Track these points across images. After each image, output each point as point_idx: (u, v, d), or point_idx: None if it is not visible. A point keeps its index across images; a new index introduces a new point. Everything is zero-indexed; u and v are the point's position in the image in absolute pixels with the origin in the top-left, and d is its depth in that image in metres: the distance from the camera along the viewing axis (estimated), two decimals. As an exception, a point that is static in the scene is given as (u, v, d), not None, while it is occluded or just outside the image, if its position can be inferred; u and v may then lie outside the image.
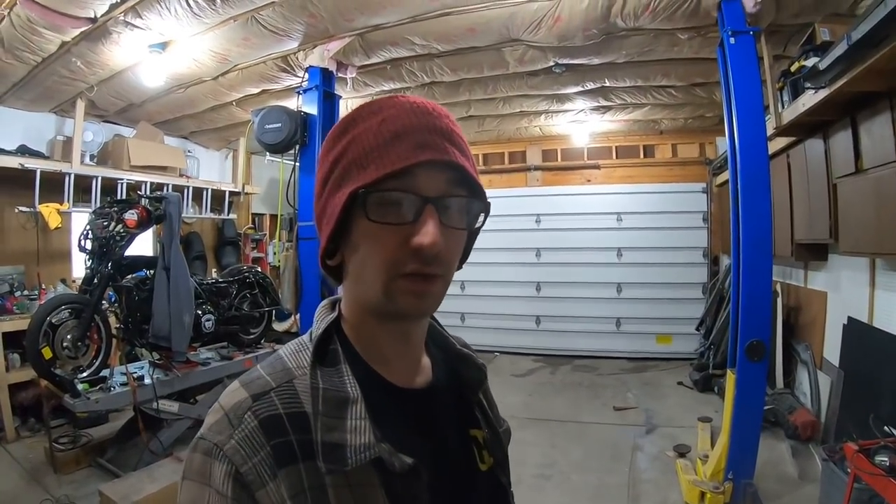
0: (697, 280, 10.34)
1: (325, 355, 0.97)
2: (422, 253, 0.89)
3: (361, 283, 0.96)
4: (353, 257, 0.97)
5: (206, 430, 0.88)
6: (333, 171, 0.97)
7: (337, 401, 0.90)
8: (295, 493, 0.84)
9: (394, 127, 0.92)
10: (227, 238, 11.05)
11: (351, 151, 0.94)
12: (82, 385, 5.40)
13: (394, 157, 0.90)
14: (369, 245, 0.93)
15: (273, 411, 0.89)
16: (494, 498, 1.12)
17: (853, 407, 5.23)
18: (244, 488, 0.82)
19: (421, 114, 0.95)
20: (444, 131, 0.96)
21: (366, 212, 0.90)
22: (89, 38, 5.74)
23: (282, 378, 0.94)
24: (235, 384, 0.95)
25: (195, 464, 0.86)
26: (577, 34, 5.67)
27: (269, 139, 5.95)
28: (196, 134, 10.15)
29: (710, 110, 8.66)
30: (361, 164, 0.92)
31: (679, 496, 5.18)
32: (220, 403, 0.92)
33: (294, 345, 1.03)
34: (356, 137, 0.94)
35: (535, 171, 11.75)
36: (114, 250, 5.69)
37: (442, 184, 0.93)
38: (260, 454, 0.85)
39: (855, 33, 3.61)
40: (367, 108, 0.98)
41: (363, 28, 5.85)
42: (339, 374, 0.94)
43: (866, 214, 4.72)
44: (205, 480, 0.84)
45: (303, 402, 0.91)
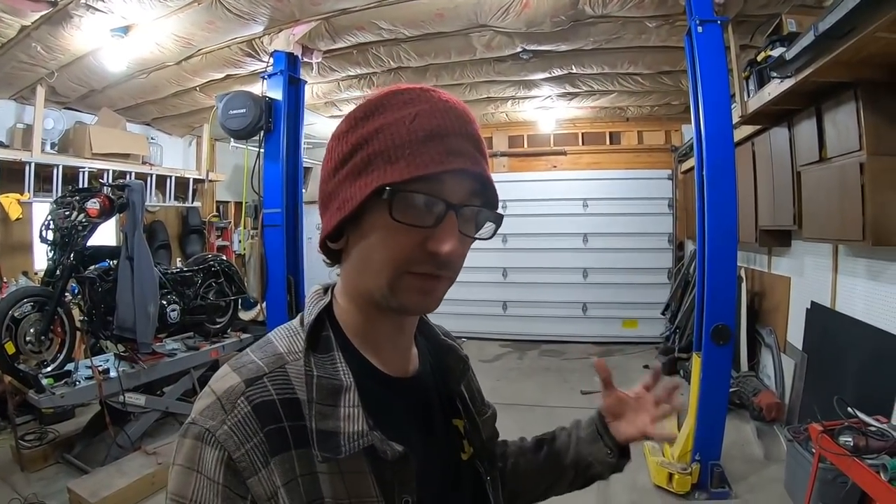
0: (663, 265, 10.49)
1: (318, 342, 0.96)
2: (438, 258, 0.89)
3: (367, 273, 0.95)
4: (361, 246, 0.95)
5: (197, 415, 0.87)
6: (354, 156, 0.94)
7: (330, 388, 0.90)
8: (287, 480, 0.84)
9: (428, 126, 0.90)
10: (192, 226, 10.93)
11: (378, 140, 0.92)
12: (47, 380, 5.28)
13: (427, 159, 0.88)
14: (384, 239, 0.91)
15: (266, 397, 0.88)
16: (474, 486, 1.14)
17: (816, 389, 5.33)
18: (236, 475, 0.82)
19: (455, 117, 0.94)
20: (475, 139, 0.96)
21: (390, 209, 0.88)
22: (50, 22, 5.61)
23: (274, 363, 0.93)
24: (226, 368, 0.94)
25: (185, 449, 0.85)
26: (545, 20, 5.67)
27: (234, 125, 5.87)
28: (159, 120, 9.97)
29: (676, 98, 8.72)
30: (390, 157, 0.90)
31: (647, 478, 5.25)
32: (211, 388, 0.91)
33: (285, 329, 1.01)
34: (385, 126, 0.92)
35: (501, 157, 11.80)
36: (76, 241, 5.58)
37: (465, 192, 0.93)
38: (253, 440, 0.84)
39: (822, 24, 3.64)
40: (397, 96, 0.95)
41: (329, 12, 5.80)
42: (331, 362, 0.93)
43: (829, 202, 4.79)
44: (195, 466, 0.83)
45: (295, 389, 0.90)
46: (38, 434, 5.98)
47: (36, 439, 5.90)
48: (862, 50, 3.69)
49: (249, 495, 0.82)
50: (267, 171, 6.07)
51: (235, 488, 0.82)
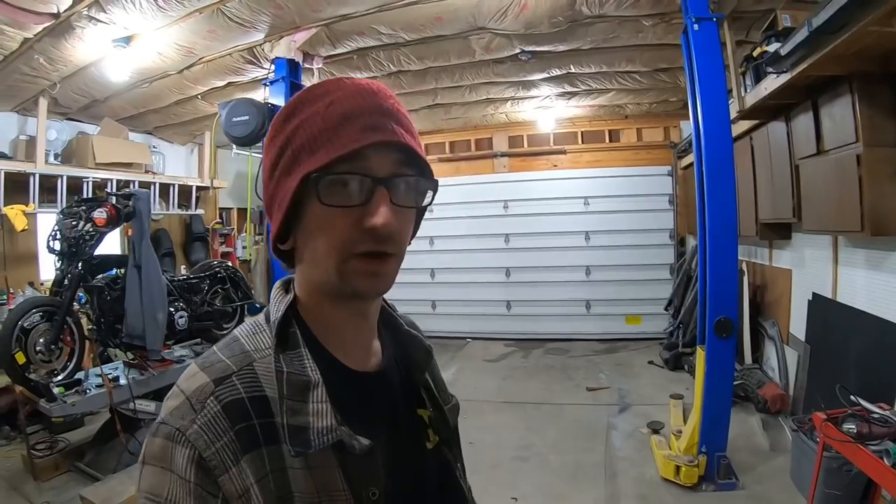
0: (665, 261, 10.50)
1: (286, 338, 0.97)
2: (375, 233, 0.90)
3: (315, 265, 0.97)
4: (306, 240, 0.98)
5: (166, 415, 0.88)
6: (282, 156, 0.96)
7: (300, 385, 0.92)
8: (260, 477, 0.86)
9: (341, 109, 0.93)
10: (196, 234, 10.96)
11: (299, 136, 0.94)
12: (58, 389, 5.34)
13: (344, 139, 0.90)
14: (322, 227, 0.93)
15: (236, 395, 0.89)
16: (442, 474, 1.15)
17: (820, 379, 5.37)
18: (207, 473, 0.83)
19: (367, 95, 0.96)
20: (392, 112, 0.97)
21: (318, 195, 0.90)
22: (52, 34, 5.67)
23: (242, 361, 0.94)
24: (194, 367, 0.95)
25: (156, 448, 0.86)
26: (543, 21, 5.73)
27: (237, 132, 5.94)
28: (161, 129, 10.02)
29: (674, 95, 8.77)
30: (311, 148, 0.92)
31: (655, 471, 5.29)
32: (179, 388, 0.92)
33: (250, 326, 1.03)
34: (303, 122, 0.95)
35: (501, 157, 11.79)
36: (83, 250, 5.60)
37: (391, 164, 0.94)
38: (223, 439, 0.85)
39: (816, 20, 3.70)
40: (312, 91, 0.99)
41: (330, 18, 5.85)
42: (299, 358, 0.95)
43: (828, 194, 4.85)
44: (166, 465, 0.84)
45: (263, 386, 0.92)
46: (48, 443, 6.01)
47: (47, 448, 5.92)
48: (855, 44, 3.75)
49: (221, 493, 0.83)
50: (272, 178, 6.11)
51: (207, 486, 0.83)
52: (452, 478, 1.17)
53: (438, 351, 5.50)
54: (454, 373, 9.01)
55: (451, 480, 1.17)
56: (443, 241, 11.38)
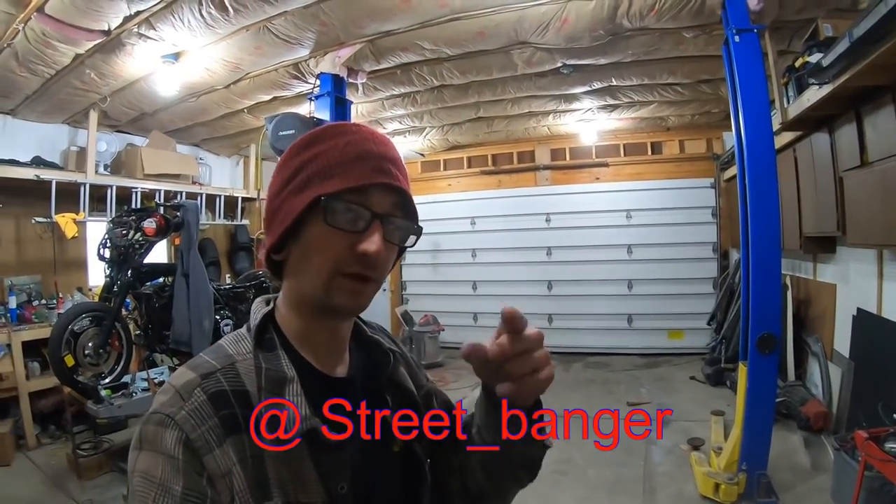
0: (708, 275, 10.38)
1: (263, 342, 1.09)
2: (365, 258, 1.03)
3: (304, 277, 1.08)
4: (299, 255, 1.09)
5: (157, 406, 0.99)
6: (295, 178, 1.09)
7: (277, 379, 1.03)
8: (240, 458, 0.96)
9: (357, 150, 1.07)
10: (240, 243, 11.15)
11: (315, 163, 1.07)
12: (105, 391, 5.50)
13: (355, 174, 1.05)
14: (319, 245, 1.05)
15: (220, 387, 1.00)
16: (407, 476, 1.22)
17: (864, 397, 5.27)
18: (193, 453, 0.93)
19: (379, 143, 1.11)
20: (395, 161, 1.11)
21: (324, 216, 1.02)
22: (103, 50, 5.83)
23: (225, 361, 1.05)
24: (183, 368, 1.06)
25: (148, 434, 0.95)
26: (584, 35, 5.75)
27: (284, 145, 5.93)
28: (207, 141, 10.23)
29: (716, 106, 8.69)
30: (324, 175, 1.05)
31: (694, 488, 5.23)
32: (169, 383, 1.03)
33: (233, 336, 1.14)
34: (322, 152, 1.08)
35: (544, 170, 11.76)
36: (133, 258, 5.76)
37: (389, 205, 1.08)
38: (208, 423, 0.96)
39: (857, 30, 3.68)
40: (331, 129, 1.13)
41: (374, 34, 5.94)
42: (276, 358, 1.06)
43: (872, 206, 4.77)
44: (157, 448, 0.93)
45: (244, 382, 1.03)
46: (93, 443, 6.18)
47: (91, 448, 6.09)
48: (897, 53, 3.71)
49: (205, 472, 0.93)
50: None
51: (193, 465, 0.92)
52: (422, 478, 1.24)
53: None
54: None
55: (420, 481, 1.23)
56: (485, 254, 11.47)
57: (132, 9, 4.97)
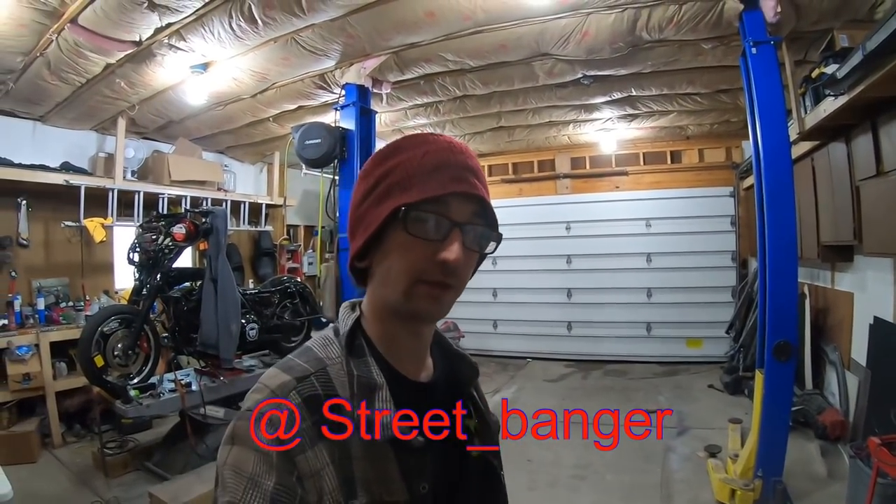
0: (727, 284, 10.38)
1: (353, 348, 1.14)
2: (445, 266, 1.06)
3: (387, 284, 1.12)
4: (382, 262, 1.12)
5: (252, 404, 1.03)
6: (377, 188, 1.12)
7: (368, 386, 1.08)
8: (332, 459, 1.00)
9: (435, 160, 1.10)
10: (264, 249, 11.29)
11: (395, 174, 1.11)
12: (134, 391, 5.64)
13: (434, 184, 1.08)
14: (400, 253, 1.08)
15: (314, 391, 1.05)
16: (485, 480, 1.27)
17: (880, 406, 5.25)
18: (286, 452, 0.97)
19: (457, 152, 1.13)
20: (474, 170, 1.14)
21: (405, 225, 1.06)
22: (133, 60, 5.96)
23: (317, 366, 1.10)
24: (275, 370, 1.10)
25: (242, 430, 1.00)
26: (605, 47, 5.82)
27: (310, 154, 6.16)
28: (233, 149, 10.38)
29: (735, 115, 8.71)
30: (405, 185, 1.09)
31: (710, 494, 5.28)
32: (263, 384, 1.07)
33: (320, 339, 1.19)
34: (402, 163, 1.11)
35: (564, 178, 11.81)
36: (162, 263, 5.91)
37: (468, 213, 1.11)
38: (303, 426, 1.00)
39: (869, 43, 3.74)
40: (411, 139, 1.16)
41: (399, 46, 6.03)
42: (366, 365, 1.11)
43: (888, 215, 4.81)
44: (251, 444, 0.98)
45: (335, 387, 1.07)
46: (119, 442, 6.34)
47: (117, 447, 6.25)
48: (911, 64, 3.76)
49: (296, 471, 0.97)
50: (342, 198, 6.35)
51: (286, 464, 0.96)
52: (496, 484, 1.30)
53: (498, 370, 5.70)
54: (514, 392, 9.11)
55: (495, 486, 1.30)
56: (505, 262, 11.43)
57: (164, 21, 5.10)
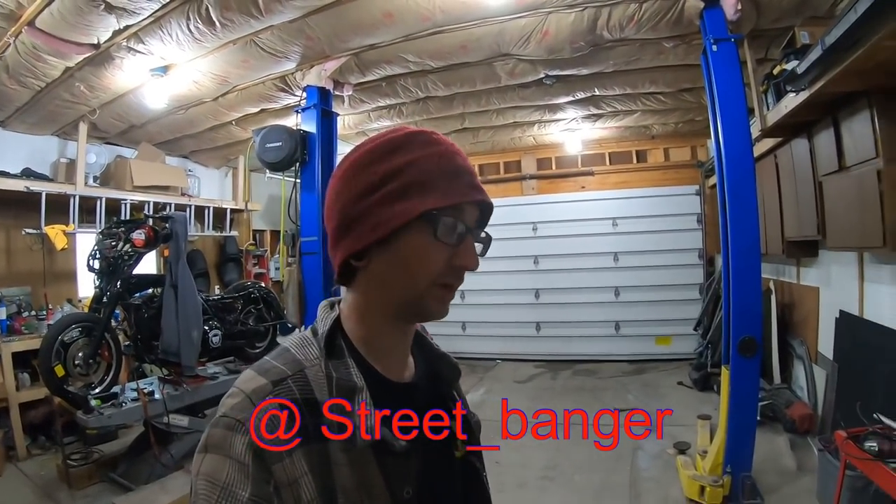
0: (694, 281, 10.47)
1: (333, 349, 1.10)
2: (466, 269, 1.11)
3: (396, 286, 1.10)
4: (390, 263, 1.09)
5: (227, 410, 0.99)
6: (387, 183, 1.07)
7: (347, 389, 1.04)
8: (310, 467, 0.96)
9: (452, 165, 1.11)
10: (229, 255, 11.15)
11: (410, 173, 1.08)
12: (95, 401, 5.50)
13: (458, 191, 1.09)
14: (422, 256, 1.08)
15: (291, 396, 1.00)
16: (469, 481, 1.26)
17: (848, 398, 5.28)
18: (262, 461, 0.93)
19: (463, 157, 1.15)
20: (477, 175, 1.16)
21: (434, 229, 1.06)
22: (92, 64, 5.87)
23: (294, 368, 1.05)
24: (251, 373, 1.06)
25: (216, 438, 0.96)
26: (566, 47, 5.82)
27: (271, 157, 6.09)
28: (196, 153, 10.26)
29: (699, 114, 8.74)
30: (425, 187, 1.07)
31: (680, 492, 5.28)
32: (238, 388, 1.03)
33: (298, 339, 1.14)
34: (416, 161, 1.09)
35: (530, 179, 11.86)
36: (122, 269, 5.80)
37: (475, 219, 1.14)
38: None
39: (828, 38, 3.75)
40: (419, 136, 1.13)
41: (358, 48, 5.99)
42: (345, 366, 1.07)
43: (850, 210, 4.85)
44: (225, 452, 0.94)
45: (314, 390, 1.03)
46: (83, 454, 6.18)
47: (81, 458, 6.09)
48: (871, 59, 3.76)
49: (273, 480, 0.93)
50: (304, 201, 6.30)
51: (262, 473, 0.93)
52: (480, 485, 1.28)
53: (467, 372, 5.59)
54: (483, 393, 9.05)
55: (479, 488, 1.28)
56: (472, 263, 11.36)
57: (121, 23, 5.01)
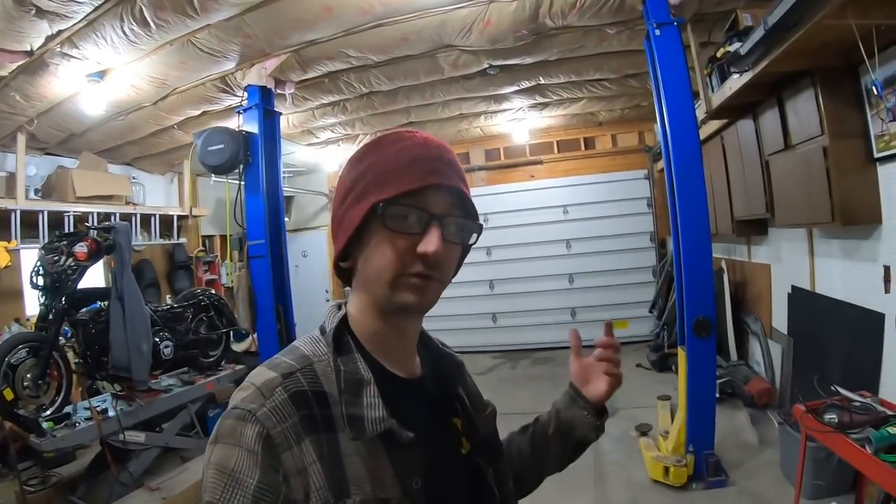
0: (647, 264, 10.61)
1: (340, 345, 1.11)
2: (426, 258, 1.06)
3: (371, 281, 1.11)
4: (365, 260, 1.12)
5: (238, 402, 1.00)
6: (354, 189, 1.13)
7: (355, 382, 1.05)
8: (319, 457, 0.97)
9: (410, 155, 1.10)
10: (179, 263, 10.89)
11: (371, 172, 1.11)
12: (47, 423, 5.30)
13: (410, 178, 1.07)
14: (382, 248, 1.08)
15: (300, 387, 1.02)
16: (474, 478, 1.25)
17: (804, 371, 5.43)
18: (272, 449, 0.94)
19: (433, 147, 1.13)
20: (451, 163, 1.14)
21: (383, 220, 1.06)
22: (27, 72, 5.71)
23: (303, 362, 1.07)
24: (261, 368, 1.08)
25: (226, 428, 0.97)
26: (508, 36, 5.80)
27: (213, 161, 5.98)
28: (140, 160, 9.98)
29: (645, 99, 8.80)
30: (381, 182, 1.08)
31: (644, 473, 5.33)
32: (250, 381, 1.04)
33: (307, 337, 1.16)
34: (376, 161, 1.12)
35: (479, 171, 11.85)
36: (66, 284, 5.58)
37: (446, 205, 1.11)
38: (289, 421, 0.97)
39: (770, 18, 3.77)
40: (386, 138, 1.16)
41: (298, 44, 5.91)
42: (353, 361, 1.09)
43: (798, 187, 4.93)
44: (235, 442, 0.94)
45: (322, 383, 1.05)
46: (41, 478, 5.97)
47: (39, 483, 5.88)
48: (813, 38, 3.80)
49: (282, 468, 0.94)
50: (249, 204, 6.19)
51: (271, 461, 0.93)
52: (484, 483, 1.26)
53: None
54: (444, 388, 8.95)
55: (483, 485, 1.26)
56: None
57: (54, 28, 4.88)
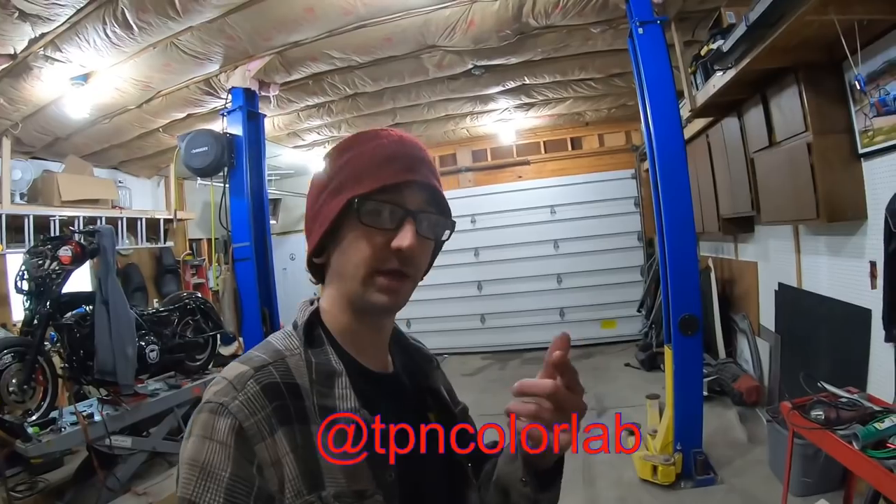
0: (635, 263, 10.62)
1: (312, 339, 1.12)
2: (400, 254, 1.06)
3: (345, 277, 1.12)
4: (339, 255, 1.13)
5: (210, 396, 1.00)
6: (329, 184, 1.14)
7: (326, 373, 1.06)
8: (292, 448, 0.97)
9: (387, 152, 1.11)
10: (167, 266, 10.80)
11: (347, 168, 1.12)
12: (33, 429, 5.24)
13: (386, 174, 1.08)
14: (356, 244, 1.09)
15: (273, 379, 1.02)
16: (448, 471, 1.24)
17: (792, 368, 5.41)
18: (245, 441, 0.94)
19: (408, 145, 1.15)
20: (426, 162, 1.16)
21: (359, 215, 1.06)
22: (10, 75, 5.69)
23: (276, 356, 1.07)
24: (234, 363, 1.08)
25: (199, 422, 0.96)
26: (492, 36, 5.79)
27: (197, 163, 5.95)
28: (126, 163, 9.93)
29: (631, 98, 8.71)
30: (357, 178, 1.09)
31: (633, 473, 5.31)
32: (222, 376, 1.04)
33: (280, 333, 1.16)
34: (353, 158, 1.13)
35: (466, 172, 11.83)
36: (51, 289, 5.56)
37: (420, 201, 1.12)
38: (262, 413, 0.97)
39: (752, 14, 3.78)
40: (363, 135, 1.17)
41: (281, 46, 5.88)
42: (324, 353, 1.10)
43: (783, 184, 4.94)
44: (207, 435, 0.94)
45: (295, 376, 1.04)
46: (28, 484, 5.92)
47: (27, 489, 5.84)
48: (795, 35, 3.82)
49: (256, 460, 0.93)
50: (233, 206, 6.16)
51: (244, 453, 0.93)
52: (461, 477, 1.26)
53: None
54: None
55: (461, 478, 1.26)
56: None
57: (37, 31, 4.87)
